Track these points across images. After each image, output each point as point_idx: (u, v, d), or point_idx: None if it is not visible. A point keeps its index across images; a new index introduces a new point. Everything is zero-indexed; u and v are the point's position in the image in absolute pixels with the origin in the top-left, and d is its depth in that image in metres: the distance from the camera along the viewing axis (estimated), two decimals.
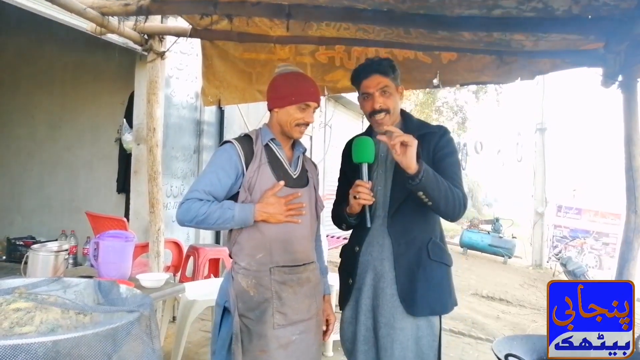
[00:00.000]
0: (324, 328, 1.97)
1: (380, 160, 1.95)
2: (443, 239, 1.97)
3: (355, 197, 1.83)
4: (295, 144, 1.91)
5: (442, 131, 1.93)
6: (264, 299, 1.72)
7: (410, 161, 1.66)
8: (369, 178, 1.87)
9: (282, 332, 1.71)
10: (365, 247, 1.93)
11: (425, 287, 1.83)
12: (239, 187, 1.75)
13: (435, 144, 1.87)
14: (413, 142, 1.66)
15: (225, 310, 1.77)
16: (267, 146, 1.81)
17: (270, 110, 1.85)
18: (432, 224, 1.94)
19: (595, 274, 10.68)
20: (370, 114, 1.93)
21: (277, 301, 1.72)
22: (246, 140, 1.81)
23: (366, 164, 1.85)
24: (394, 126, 1.89)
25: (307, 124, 1.83)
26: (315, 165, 2.00)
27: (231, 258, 1.84)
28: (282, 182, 1.74)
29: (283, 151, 1.84)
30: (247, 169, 1.74)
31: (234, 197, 1.76)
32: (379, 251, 1.90)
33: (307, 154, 2.00)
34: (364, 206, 1.84)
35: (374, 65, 1.91)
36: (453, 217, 1.83)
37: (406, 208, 1.86)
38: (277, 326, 1.70)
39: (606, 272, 11.12)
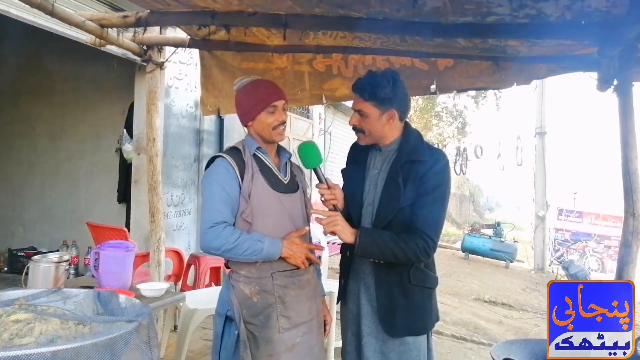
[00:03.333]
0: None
1: (372, 178, 1.93)
2: (428, 264, 1.91)
3: (323, 202, 1.87)
4: (279, 150, 1.94)
5: (433, 161, 1.82)
6: (267, 304, 1.74)
7: (343, 237, 1.79)
8: (361, 185, 1.92)
9: (288, 335, 1.75)
10: (357, 256, 1.94)
11: (405, 310, 1.82)
12: (239, 197, 1.77)
13: (422, 174, 1.79)
14: (335, 227, 1.78)
15: (227, 319, 1.78)
16: (254, 155, 1.84)
17: (245, 126, 1.90)
18: None
19: (597, 277, 10.65)
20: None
21: (280, 305, 1.75)
22: (235, 152, 1.84)
23: (318, 168, 1.88)
24: (391, 145, 1.90)
25: (282, 123, 1.86)
26: (301, 170, 2.04)
27: (227, 268, 1.85)
28: (307, 228, 1.83)
29: (270, 158, 1.88)
30: (242, 179, 1.77)
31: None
32: (367, 265, 1.90)
33: None
34: (335, 207, 1.86)
35: (356, 85, 1.89)
36: (414, 263, 1.83)
37: (392, 229, 1.81)
38: (282, 330, 1.74)
39: (609, 275, 11.09)
